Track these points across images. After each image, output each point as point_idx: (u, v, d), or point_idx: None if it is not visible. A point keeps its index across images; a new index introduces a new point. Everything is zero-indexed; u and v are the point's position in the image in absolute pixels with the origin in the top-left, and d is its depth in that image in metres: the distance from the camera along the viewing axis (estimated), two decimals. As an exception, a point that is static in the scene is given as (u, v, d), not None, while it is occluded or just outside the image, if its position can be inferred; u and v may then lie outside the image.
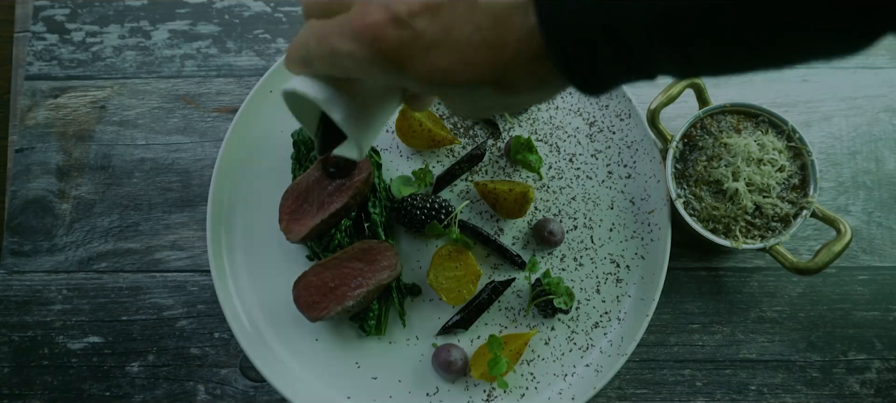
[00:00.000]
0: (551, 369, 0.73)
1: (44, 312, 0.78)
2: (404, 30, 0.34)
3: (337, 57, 0.37)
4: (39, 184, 0.81)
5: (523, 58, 0.33)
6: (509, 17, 0.32)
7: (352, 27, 0.36)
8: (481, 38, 0.33)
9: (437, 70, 0.35)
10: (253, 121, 0.78)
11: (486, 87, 0.35)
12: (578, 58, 0.32)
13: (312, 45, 0.39)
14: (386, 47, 0.35)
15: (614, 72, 0.32)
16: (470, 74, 0.34)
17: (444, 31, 0.34)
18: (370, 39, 0.35)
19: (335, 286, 0.70)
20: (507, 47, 0.33)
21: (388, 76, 0.37)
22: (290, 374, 0.72)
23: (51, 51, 0.86)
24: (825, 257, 0.68)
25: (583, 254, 0.76)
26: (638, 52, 0.31)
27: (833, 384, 0.75)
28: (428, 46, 0.34)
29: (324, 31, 0.38)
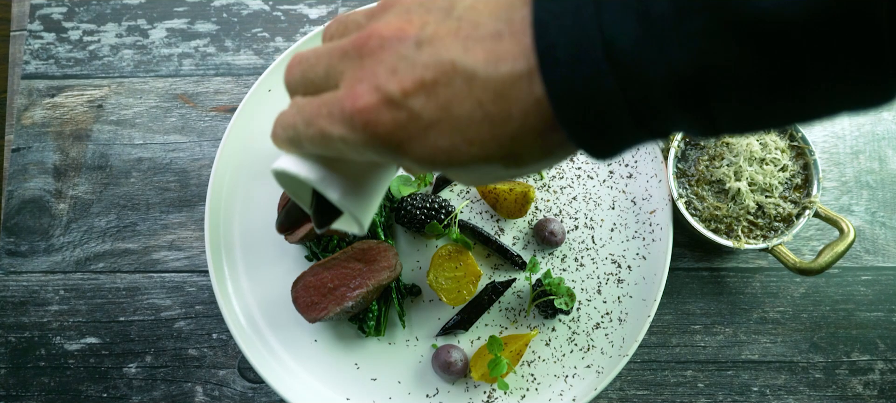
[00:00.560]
0: (552, 370, 0.73)
1: (41, 313, 0.77)
2: (399, 111, 0.31)
3: (328, 140, 0.34)
4: (36, 183, 0.81)
5: (531, 129, 0.30)
6: (513, 89, 0.30)
7: (341, 111, 0.33)
8: (483, 113, 0.30)
9: (439, 150, 0.32)
10: (251, 121, 0.77)
11: (493, 163, 0.32)
12: (593, 125, 0.29)
13: (300, 127, 0.36)
14: (381, 131, 0.32)
15: (631, 136, 0.30)
16: (474, 152, 0.31)
17: (442, 110, 0.31)
18: (363, 124, 0.32)
19: (334, 286, 0.69)
20: (513, 121, 0.30)
21: (385, 158, 0.34)
22: (289, 375, 0.72)
23: (48, 49, 0.85)
24: (828, 257, 0.68)
25: (584, 255, 0.75)
26: (659, 115, 0.28)
27: (836, 385, 0.74)
28: (426, 127, 0.31)
29: (311, 112, 0.35)
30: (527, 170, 0.34)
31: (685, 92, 0.27)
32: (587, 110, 0.28)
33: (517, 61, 0.29)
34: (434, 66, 0.31)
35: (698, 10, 0.25)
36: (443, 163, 0.32)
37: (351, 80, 0.33)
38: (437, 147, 0.32)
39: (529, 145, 0.31)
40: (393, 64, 0.32)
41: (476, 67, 0.30)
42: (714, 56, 0.25)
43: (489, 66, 0.30)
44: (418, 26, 0.32)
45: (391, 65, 0.32)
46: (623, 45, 0.26)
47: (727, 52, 0.25)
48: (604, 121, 0.29)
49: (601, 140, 0.30)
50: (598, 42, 0.27)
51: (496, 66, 0.30)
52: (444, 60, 0.31)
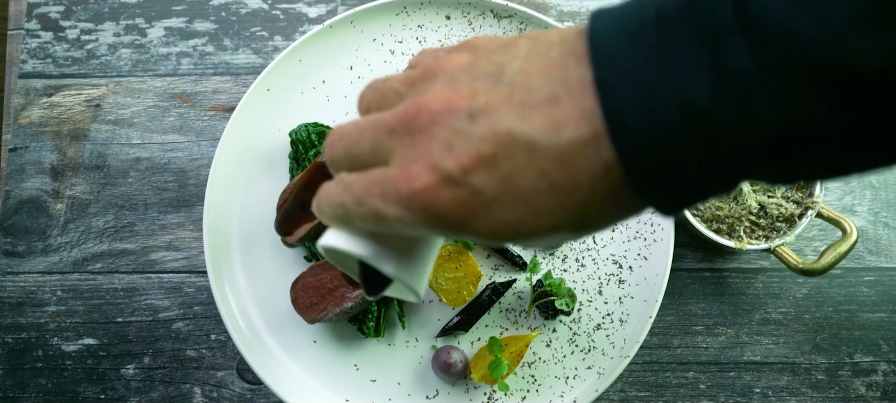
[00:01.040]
0: (553, 371, 0.72)
1: (38, 313, 0.77)
2: (459, 189, 0.29)
3: (382, 220, 0.32)
4: (33, 183, 0.80)
5: (600, 195, 0.29)
6: (578, 156, 0.28)
7: (397, 192, 0.31)
8: (549, 183, 0.29)
9: (504, 224, 0.30)
10: (250, 120, 0.77)
11: (562, 232, 0.31)
12: (669, 186, 0.27)
13: (350, 206, 0.34)
14: (442, 211, 0.30)
15: (706, 191, 0.28)
16: (543, 222, 0.30)
17: (504, 183, 0.29)
18: (422, 205, 0.30)
19: (334, 287, 0.69)
20: (581, 188, 0.28)
21: (446, 235, 0.32)
22: (288, 376, 0.71)
23: (45, 49, 0.84)
24: (831, 258, 0.67)
25: (585, 255, 0.75)
26: (740, 170, 0.27)
27: (838, 386, 0.74)
28: (489, 202, 0.29)
29: (361, 191, 0.33)
30: (594, 232, 0.32)
31: (771, 148, 0.26)
32: (663, 172, 0.27)
33: (580, 126, 0.28)
34: (491, 138, 0.29)
35: (790, 67, 0.24)
36: (509, 236, 0.31)
37: (403, 159, 0.31)
38: (502, 221, 0.30)
39: (599, 209, 0.29)
40: (447, 139, 0.30)
41: (536, 136, 0.28)
42: (805, 112, 0.24)
43: (550, 133, 0.28)
44: (468, 96, 0.30)
45: (445, 140, 0.30)
46: (700, 104, 0.25)
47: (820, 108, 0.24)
48: (681, 181, 0.27)
49: (676, 199, 0.28)
50: (672, 102, 0.25)
51: (558, 133, 0.28)
52: (501, 131, 0.29)
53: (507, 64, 0.31)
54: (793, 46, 0.24)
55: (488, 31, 0.80)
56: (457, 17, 0.81)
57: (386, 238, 0.38)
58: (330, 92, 0.79)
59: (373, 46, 0.80)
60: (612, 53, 0.27)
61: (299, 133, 0.75)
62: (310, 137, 0.75)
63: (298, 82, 0.79)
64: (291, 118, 0.78)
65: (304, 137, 0.75)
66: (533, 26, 0.78)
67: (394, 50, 0.80)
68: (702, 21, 0.25)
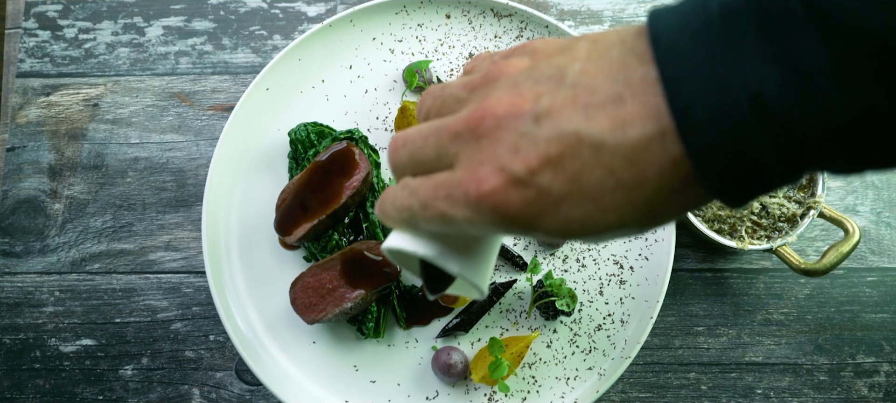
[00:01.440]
0: (553, 372, 0.72)
1: (35, 314, 0.76)
2: (527, 189, 0.30)
3: (449, 221, 0.33)
4: (31, 183, 0.80)
5: (668, 190, 0.29)
6: (645, 152, 0.29)
7: (465, 195, 0.32)
8: (616, 181, 0.29)
9: (572, 221, 0.31)
10: (249, 120, 0.76)
11: (629, 228, 0.31)
12: (738, 179, 0.28)
13: (417, 210, 0.35)
14: (512, 212, 0.31)
15: (774, 182, 0.29)
16: (611, 219, 0.30)
17: (572, 182, 0.30)
18: (491, 207, 0.31)
19: (333, 288, 0.69)
20: (649, 184, 0.29)
21: (514, 234, 0.33)
22: (287, 378, 0.71)
23: (43, 48, 0.84)
24: (833, 258, 0.67)
25: (585, 255, 0.75)
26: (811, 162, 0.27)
27: (841, 387, 0.74)
28: (557, 201, 0.30)
29: (427, 195, 0.34)
30: (660, 225, 0.33)
31: (843, 139, 0.26)
32: (733, 166, 0.27)
33: (646, 124, 0.28)
34: (558, 139, 0.30)
35: (863, 58, 0.24)
36: (577, 233, 0.31)
37: (470, 163, 0.32)
38: (571, 218, 0.31)
39: (667, 204, 0.30)
40: (513, 142, 0.31)
41: (602, 135, 0.29)
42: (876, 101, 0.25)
43: (616, 131, 0.29)
44: (532, 100, 0.31)
45: (512, 143, 0.31)
46: (772, 97, 0.25)
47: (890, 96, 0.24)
48: (750, 173, 0.28)
49: (745, 191, 0.29)
50: (742, 96, 0.26)
51: (624, 131, 0.29)
52: (567, 132, 0.30)
53: (567, 66, 0.31)
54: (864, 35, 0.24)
55: (488, 29, 0.79)
56: (457, 16, 0.80)
57: (449, 238, 0.38)
58: (329, 91, 0.79)
59: (372, 45, 0.80)
60: (678, 50, 0.28)
61: (298, 132, 0.75)
62: (309, 137, 0.75)
63: (297, 81, 0.78)
64: (290, 117, 0.78)
65: (304, 137, 0.75)
66: (533, 25, 0.78)
67: (394, 49, 0.80)
68: (769, 15, 0.26)
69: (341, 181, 0.70)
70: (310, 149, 0.75)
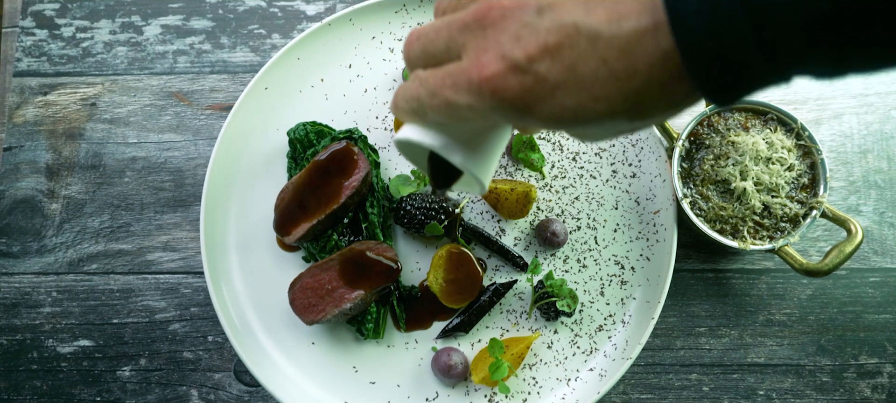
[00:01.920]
0: (554, 373, 0.71)
1: (33, 315, 0.76)
2: (525, 76, 0.33)
3: (454, 108, 0.36)
4: (28, 183, 0.79)
5: (657, 82, 0.31)
6: (638, 45, 0.31)
7: (468, 80, 0.35)
8: (609, 70, 0.32)
9: (565, 109, 0.33)
10: (247, 119, 0.76)
11: (618, 118, 0.33)
12: (724, 71, 0.30)
13: (425, 98, 0.38)
14: (509, 96, 0.34)
15: (759, 78, 0.31)
16: (601, 108, 0.33)
17: (568, 71, 0.32)
18: (491, 91, 0.34)
19: (332, 288, 0.68)
20: (639, 75, 0.31)
21: (512, 120, 0.36)
22: (286, 379, 0.70)
23: (40, 46, 0.83)
24: (835, 258, 0.66)
25: (586, 256, 0.74)
26: (792, 56, 0.29)
27: (844, 389, 0.73)
28: (552, 88, 0.33)
29: (436, 84, 0.37)
30: (650, 122, 0.35)
31: (823, 30, 0.27)
32: (718, 57, 0.29)
33: (641, 17, 0.30)
34: (557, 29, 0.32)
35: None
36: (569, 121, 0.34)
37: (475, 50, 0.35)
38: (564, 106, 0.33)
39: (655, 98, 0.32)
40: (516, 31, 0.33)
41: (599, 27, 0.31)
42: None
43: (612, 24, 0.31)
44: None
45: (514, 32, 0.33)
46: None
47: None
48: (735, 67, 0.29)
49: (730, 84, 0.31)
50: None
51: (619, 24, 0.31)
52: (567, 23, 0.32)
53: None
54: None
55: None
56: (457, 15, 0.80)
57: (456, 131, 0.42)
58: (328, 90, 0.78)
59: (372, 44, 0.79)
60: None
61: (297, 132, 0.74)
62: (308, 136, 0.74)
63: (297, 81, 0.78)
64: (289, 117, 0.77)
65: (303, 136, 0.74)
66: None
67: (393, 48, 0.79)
68: None
69: (340, 181, 0.70)
70: (309, 148, 0.74)
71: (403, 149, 0.46)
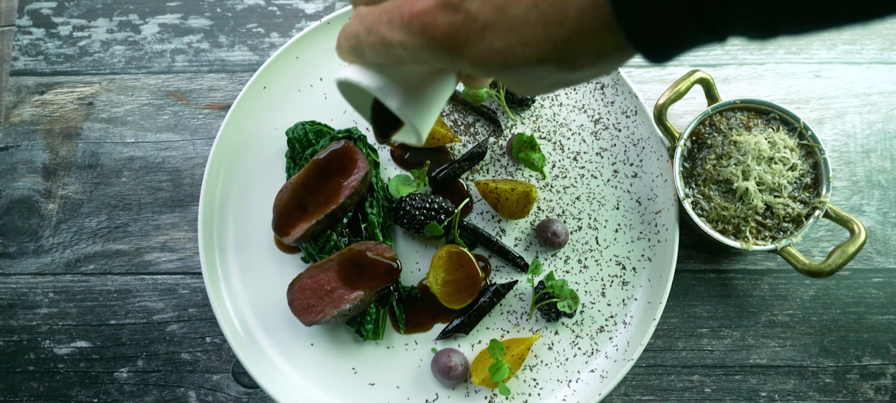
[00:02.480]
0: (555, 375, 0.71)
1: (29, 316, 0.75)
2: (456, 14, 0.33)
3: (388, 46, 0.36)
4: (25, 183, 0.79)
5: (586, 31, 0.31)
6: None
7: (400, 15, 0.35)
8: (539, 14, 0.31)
9: (495, 52, 0.33)
10: (246, 118, 0.75)
11: (547, 65, 0.33)
12: (651, 23, 0.29)
13: (362, 35, 0.38)
14: (438, 34, 0.34)
15: (689, 34, 0.30)
16: (529, 53, 0.33)
17: (498, 11, 0.32)
18: (421, 27, 0.34)
19: (331, 289, 0.68)
20: (568, 21, 0.31)
21: (442, 61, 0.35)
22: (285, 380, 0.70)
23: (37, 45, 0.83)
24: (838, 259, 0.66)
25: (587, 256, 0.74)
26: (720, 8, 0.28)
27: (846, 390, 0.73)
28: (482, 29, 0.33)
29: (372, 20, 0.37)
30: (582, 76, 0.34)
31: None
32: (646, 6, 0.29)
33: None
34: None
35: None
36: (498, 65, 0.33)
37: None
38: (493, 48, 0.33)
39: (584, 46, 0.32)
40: None
41: None
42: None
43: None
44: None
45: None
46: None
47: None
48: (663, 18, 0.29)
49: (658, 38, 0.30)
50: None
51: None
52: None
53: None
54: None
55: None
56: (457, 14, 0.79)
57: (395, 74, 0.41)
58: (327, 89, 0.78)
59: (371, 43, 0.78)
60: None
61: (296, 131, 0.74)
62: (307, 136, 0.74)
63: (295, 80, 0.77)
64: (288, 116, 0.77)
65: (302, 136, 0.74)
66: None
67: (392, 47, 0.79)
68: None
69: (339, 181, 0.69)
70: (307, 148, 0.74)
71: (345, 92, 0.45)
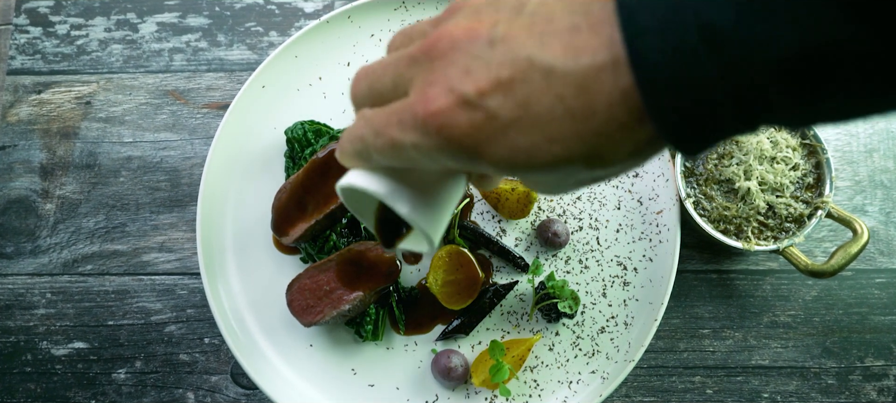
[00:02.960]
0: (555, 376, 0.70)
1: (27, 317, 0.75)
2: (475, 112, 0.30)
3: (398, 149, 0.33)
4: (22, 183, 0.78)
5: (617, 123, 0.29)
6: (595, 81, 0.28)
7: (413, 116, 0.32)
8: (564, 108, 0.29)
9: (518, 151, 0.30)
10: (244, 118, 0.75)
11: (575, 164, 0.31)
12: (687, 116, 0.27)
13: (369, 139, 0.35)
14: (457, 134, 0.31)
15: (726, 127, 0.28)
16: (556, 151, 0.30)
17: (520, 108, 0.30)
18: (437, 128, 0.31)
19: (331, 290, 0.67)
20: (597, 115, 0.29)
21: (460, 163, 0.32)
22: (284, 381, 0.70)
23: (34, 44, 0.82)
24: (841, 259, 0.65)
25: (588, 256, 0.73)
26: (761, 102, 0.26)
27: (849, 391, 0.72)
28: (504, 126, 0.30)
29: (380, 122, 0.34)
30: (611, 172, 0.32)
31: (792, 74, 0.25)
32: (682, 99, 0.27)
33: (598, 53, 0.28)
34: (510, 63, 0.30)
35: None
36: (522, 164, 0.31)
37: (422, 85, 0.32)
38: (517, 147, 0.30)
39: (615, 141, 0.29)
40: (466, 64, 0.31)
41: (554, 62, 0.29)
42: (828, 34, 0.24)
43: (568, 59, 0.29)
44: (489, 25, 0.31)
45: (464, 65, 0.31)
46: (723, 26, 0.25)
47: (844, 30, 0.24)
48: (700, 111, 0.27)
49: (695, 132, 0.28)
50: (692, 25, 0.25)
51: (576, 59, 0.29)
52: (520, 57, 0.30)
53: None
54: None
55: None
56: (457, 12, 0.79)
57: (404, 178, 0.38)
58: (326, 89, 0.77)
59: (370, 42, 0.78)
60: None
61: (295, 131, 0.73)
62: (306, 135, 0.73)
63: (294, 79, 0.77)
64: (287, 116, 0.76)
65: (301, 135, 0.73)
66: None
67: (392, 45, 0.78)
68: None
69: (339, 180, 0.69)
70: (307, 147, 0.73)
71: (348, 198, 0.41)
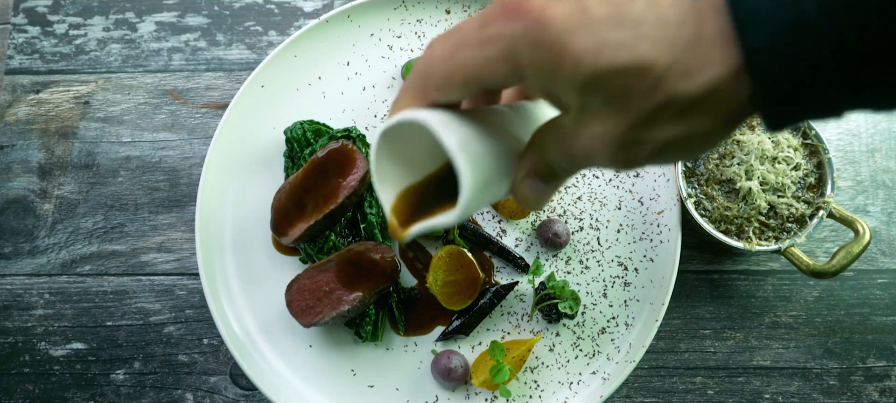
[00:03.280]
0: (556, 376, 0.70)
1: (25, 317, 0.75)
2: (569, 3, 0.31)
3: (487, 43, 0.33)
4: (20, 183, 0.78)
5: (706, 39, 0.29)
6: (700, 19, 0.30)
7: (505, 6, 0.32)
8: (657, 14, 0.30)
9: (605, 45, 0.30)
10: (244, 118, 0.74)
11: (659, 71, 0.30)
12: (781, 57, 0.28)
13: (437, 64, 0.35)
14: (549, 17, 0.31)
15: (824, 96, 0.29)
16: (642, 50, 0.30)
17: (614, 6, 0.30)
18: (529, 10, 0.31)
19: (330, 290, 0.67)
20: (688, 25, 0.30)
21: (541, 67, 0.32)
22: (283, 382, 0.69)
23: (32, 44, 0.82)
24: (843, 259, 0.65)
25: (589, 257, 0.73)
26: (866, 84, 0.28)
27: (851, 392, 0.72)
28: (596, 21, 0.30)
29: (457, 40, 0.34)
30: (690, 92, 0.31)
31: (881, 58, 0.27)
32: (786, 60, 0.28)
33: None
34: None
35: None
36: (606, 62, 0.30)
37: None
38: (605, 40, 0.30)
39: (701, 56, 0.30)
40: None
41: None
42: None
43: None
44: None
45: None
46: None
47: None
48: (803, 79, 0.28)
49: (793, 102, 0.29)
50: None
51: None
52: None
53: None
54: None
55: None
56: (457, 11, 0.78)
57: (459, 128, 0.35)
58: (326, 88, 0.77)
59: (370, 42, 0.78)
60: None
61: (295, 130, 0.73)
62: (305, 135, 0.73)
63: (293, 79, 0.76)
64: (286, 115, 0.76)
65: (300, 135, 0.73)
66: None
67: (392, 45, 0.78)
68: None
69: (338, 180, 0.69)
70: (306, 147, 0.73)
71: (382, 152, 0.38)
